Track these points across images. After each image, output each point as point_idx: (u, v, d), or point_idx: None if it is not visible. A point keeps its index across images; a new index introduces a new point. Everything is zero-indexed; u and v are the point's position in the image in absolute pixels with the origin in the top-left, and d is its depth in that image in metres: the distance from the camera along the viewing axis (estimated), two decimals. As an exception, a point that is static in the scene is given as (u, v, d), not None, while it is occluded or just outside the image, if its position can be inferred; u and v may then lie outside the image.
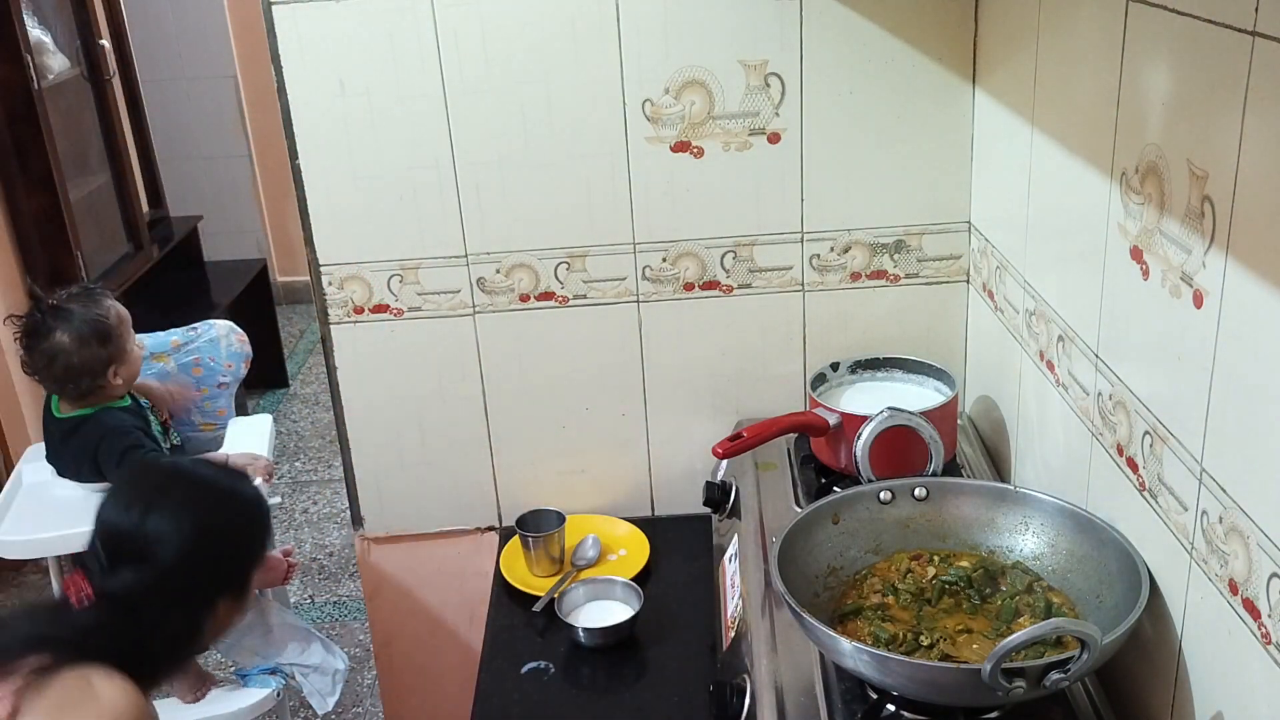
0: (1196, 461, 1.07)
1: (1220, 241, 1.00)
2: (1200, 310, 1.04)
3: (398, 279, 1.80)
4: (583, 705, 1.55)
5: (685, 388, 1.88)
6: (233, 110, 4.81)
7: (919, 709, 1.19)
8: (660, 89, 1.71)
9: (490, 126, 1.72)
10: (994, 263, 1.69)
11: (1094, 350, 1.31)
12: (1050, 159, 1.42)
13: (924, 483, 1.41)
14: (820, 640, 1.19)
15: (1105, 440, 1.30)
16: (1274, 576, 0.95)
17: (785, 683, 1.28)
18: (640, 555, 1.77)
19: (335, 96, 1.69)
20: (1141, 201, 1.16)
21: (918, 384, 1.76)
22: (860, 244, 1.80)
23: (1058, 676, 1.05)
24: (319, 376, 4.48)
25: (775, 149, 1.74)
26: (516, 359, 1.85)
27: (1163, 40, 1.08)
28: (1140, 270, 1.17)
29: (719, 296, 1.83)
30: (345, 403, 1.87)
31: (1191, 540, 1.10)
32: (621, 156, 1.74)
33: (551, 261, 1.80)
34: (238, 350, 2.37)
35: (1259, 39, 0.91)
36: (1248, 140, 0.94)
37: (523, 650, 1.61)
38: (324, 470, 3.87)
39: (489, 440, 1.90)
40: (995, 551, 1.36)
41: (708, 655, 1.54)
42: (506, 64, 1.69)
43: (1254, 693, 1.01)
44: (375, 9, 1.66)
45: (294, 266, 5.07)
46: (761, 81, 1.70)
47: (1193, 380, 1.07)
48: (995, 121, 1.65)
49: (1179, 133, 1.07)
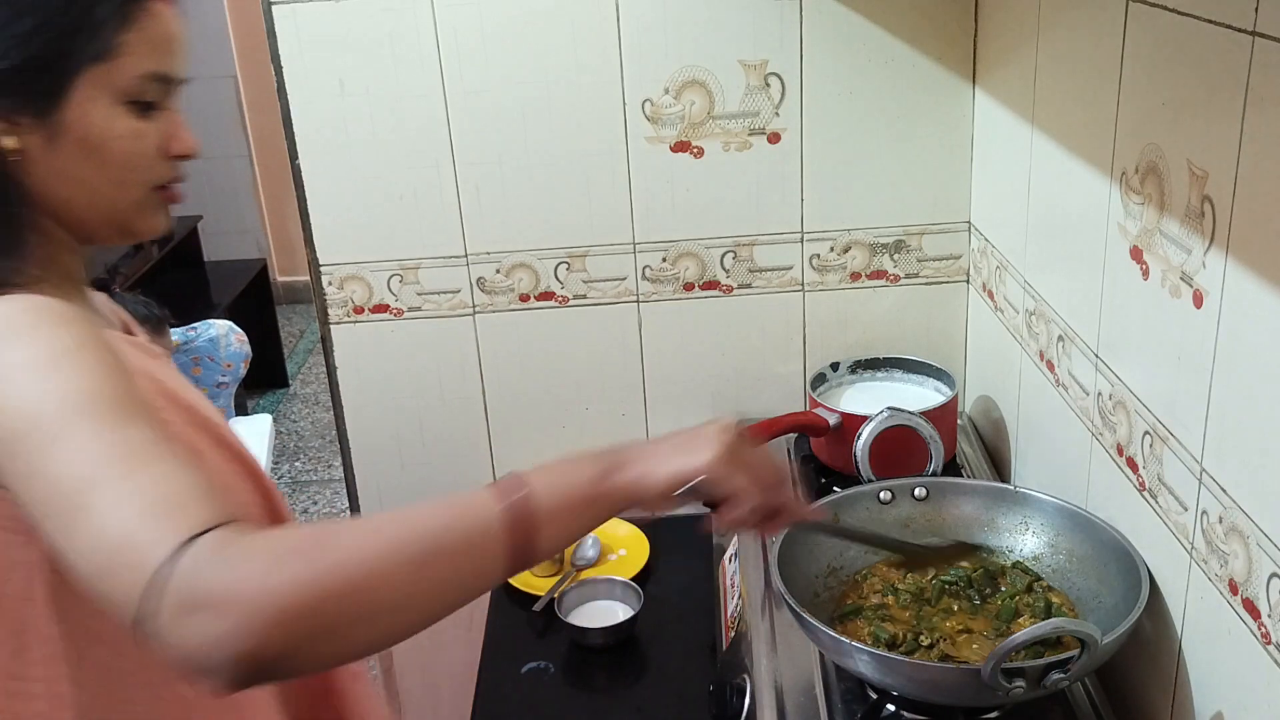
0: (1196, 461, 1.07)
1: (1220, 241, 1.00)
2: (1200, 310, 1.04)
3: (398, 279, 1.80)
4: (583, 705, 1.55)
5: (685, 388, 1.88)
6: (233, 110, 4.81)
7: (919, 709, 1.19)
8: (660, 89, 1.71)
9: (490, 126, 1.72)
10: (994, 263, 1.69)
11: (1094, 350, 1.31)
12: (1050, 159, 1.42)
13: (924, 483, 1.41)
14: (820, 640, 1.19)
15: (1105, 440, 1.30)
16: (1274, 576, 0.95)
17: (785, 683, 1.28)
18: (640, 555, 1.77)
19: (335, 96, 1.69)
20: (1141, 201, 1.16)
21: (918, 384, 1.76)
22: (860, 244, 1.80)
23: (1058, 676, 1.05)
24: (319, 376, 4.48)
25: (775, 149, 1.74)
26: (516, 359, 1.85)
27: (1163, 40, 1.08)
28: (1140, 270, 1.17)
29: (719, 296, 1.83)
30: (345, 403, 1.87)
31: (1191, 540, 1.10)
32: (621, 156, 1.74)
33: (551, 261, 1.80)
34: (237, 350, 2.37)
35: (1259, 39, 0.91)
36: (1248, 140, 0.94)
37: (523, 650, 1.61)
38: (324, 470, 3.87)
39: (489, 440, 1.90)
40: (995, 551, 1.36)
41: (708, 655, 1.54)
42: (506, 64, 1.69)
43: (1254, 693, 1.01)
44: (375, 9, 1.66)
45: (294, 266, 5.07)
46: (761, 81, 1.70)
47: (1193, 380, 1.07)
48: (995, 121, 1.65)
49: (1179, 133, 1.07)
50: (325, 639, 0.71)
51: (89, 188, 0.92)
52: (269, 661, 0.69)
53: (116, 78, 0.89)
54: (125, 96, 0.90)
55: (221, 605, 0.68)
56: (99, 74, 0.89)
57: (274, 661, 0.69)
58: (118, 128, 0.90)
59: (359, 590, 0.72)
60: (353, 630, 0.72)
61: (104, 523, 0.72)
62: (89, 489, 0.73)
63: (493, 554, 0.80)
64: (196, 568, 0.69)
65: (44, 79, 0.87)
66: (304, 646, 0.70)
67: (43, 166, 0.89)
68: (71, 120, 0.88)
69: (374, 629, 0.74)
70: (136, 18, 0.90)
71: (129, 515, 0.72)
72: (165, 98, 0.94)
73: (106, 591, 0.72)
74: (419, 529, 0.77)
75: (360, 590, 0.72)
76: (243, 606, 0.68)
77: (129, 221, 0.95)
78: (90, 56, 0.88)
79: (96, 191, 0.92)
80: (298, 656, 0.70)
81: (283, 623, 0.68)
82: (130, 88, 0.90)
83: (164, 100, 0.94)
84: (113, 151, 0.91)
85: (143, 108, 0.92)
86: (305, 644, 0.70)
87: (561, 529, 0.85)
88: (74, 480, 0.74)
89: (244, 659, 0.68)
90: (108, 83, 0.89)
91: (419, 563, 0.75)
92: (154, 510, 0.72)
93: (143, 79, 0.91)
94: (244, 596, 0.68)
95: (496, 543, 0.80)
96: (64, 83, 0.88)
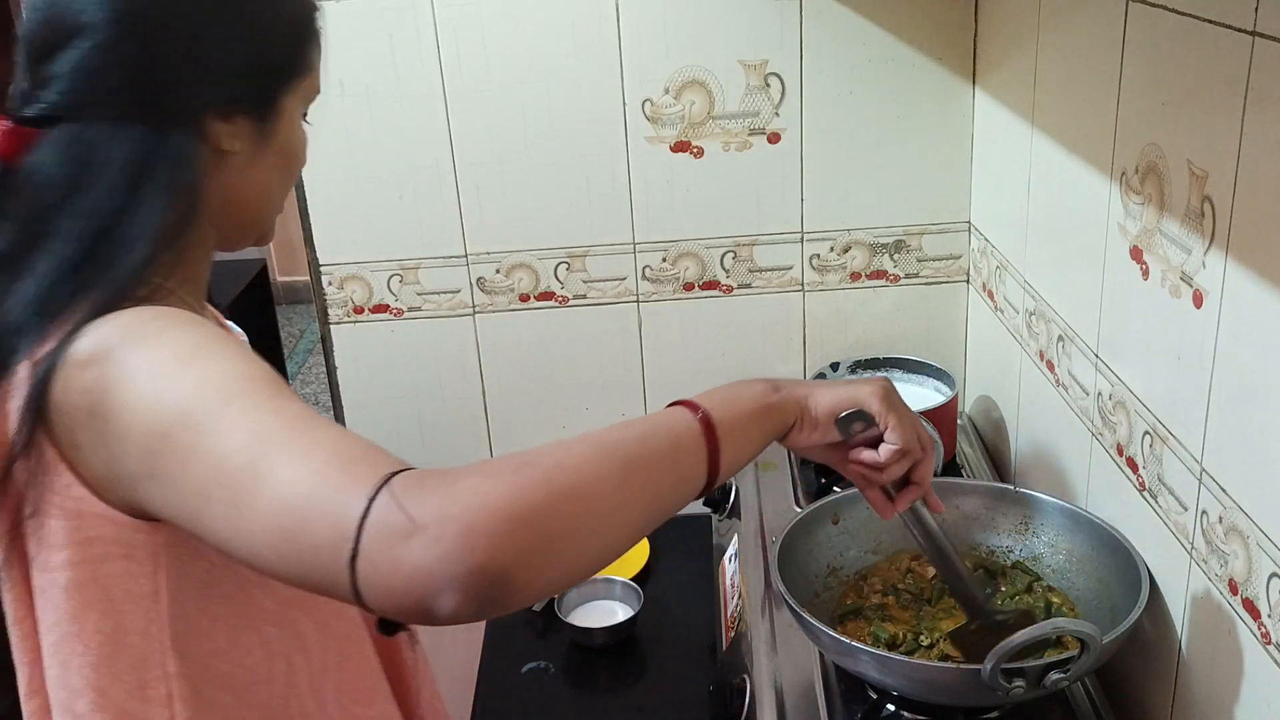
0: (1196, 461, 1.07)
1: (1220, 241, 1.00)
2: (1200, 310, 1.04)
3: (398, 279, 1.80)
4: (583, 705, 1.55)
5: (685, 388, 1.85)
6: (233, 110, 4.81)
7: (919, 709, 1.19)
8: (660, 89, 1.71)
9: (490, 126, 1.72)
10: (994, 263, 1.69)
11: (1094, 350, 1.31)
12: (1050, 159, 1.42)
13: (924, 483, 1.41)
14: (820, 640, 1.19)
15: (1105, 440, 1.30)
16: (1274, 576, 0.95)
17: (785, 683, 1.28)
18: (640, 555, 1.77)
19: (335, 96, 1.69)
20: (1141, 201, 1.16)
21: (918, 384, 1.76)
22: (860, 244, 1.80)
23: (1058, 676, 1.05)
24: (319, 376, 4.47)
25: (775, 149, 1.74)
26: (516, 359, 1.85)
27: (1163, 40, 1.08)
28: (1140, 270, 1.17)
29: (719, 296, 1.83)
30: (345, 403, 1.87)
31: (1191, 540, 1.10)
32: (621, 156, 1.74)
33: (551, 261, 1.80)
34: (238, 350, 2.37)
35: (1259, 39, 0.91)
36: (1248, 140, 0.94)
37: (523, 650, 1.61)
38: (324, 470, 3.86)
39: (489, 440, 1.90)
40: (995, 551, 1.36)
41: (708, 655, 1.54)
42: (506, 64, 1.69)
43: (1254, 693, 1.01)
44: (375, 9, 1.66)
45: (294, 266, 5.06)
46: (761, 81, 1.70)
47: (1193, 380, 1.07)
48: (995, 121, 1.65)
49: (1179, 133, 1.07)
50: (546, 551, 0.68)
51: (270, 193, 0.95)
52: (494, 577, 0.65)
53: (308, 90, 0.94)
54: (306, 107, 0.95)
55: (437, 526, 0.65)
56: (302, 85, 0.93)
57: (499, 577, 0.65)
58: (301, 138, 0.95)
59: (574, 497, 0.70)
60: (573, 542, 0.70)
61: (285, 483, 0.69)
62: (259, 458, 0.70)
63: (692, 460, 0.81)
64: (400, 500, 0.66)
65: (272, 86, 0.90)
66: (526, 560, 0.67)
67: (238, 171, 0.90)
68: (279, 129, 0.92)
69: (591, 540, 0.72)
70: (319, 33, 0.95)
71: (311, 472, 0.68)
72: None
73: (300, 550, 0.68)
74: (621, 439, 0.77)
75: (575, 497, 0.70)
76: (462, 522, 0.65)
77: (270, 227, 0.98)
78: (304, 69, 0.93)
79: (273, 197, 0.95)
80: (522, 572, 0.66)
81: (504, 532, 0.66)
82: (310, 99, 0.95)
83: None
84: (297, 160, 0.96)
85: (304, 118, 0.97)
86: (527, 557, 0.67)
87: (743, 438, 0.86)
88: (240, 454, 0.70)
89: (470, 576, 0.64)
90: (304, 95, 0.94)
91: (628, 469, 0.75)
92: (335, 463, 0.68)
93: (317, 92, 0.96)
94: (460, 513, 0.65)
95: (696, 447, 0.81)
96: (284, 92, 0.91)
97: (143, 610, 0.84)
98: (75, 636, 0.83)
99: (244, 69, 0.88)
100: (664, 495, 0.78)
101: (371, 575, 0.66)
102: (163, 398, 0.74)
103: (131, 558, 0.83)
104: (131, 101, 0.84)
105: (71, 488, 0.80)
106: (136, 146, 0.84)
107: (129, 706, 0.85)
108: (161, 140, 0.84)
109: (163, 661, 0.86)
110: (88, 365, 0.77)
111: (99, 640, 0.84)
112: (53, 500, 0.81)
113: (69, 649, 0.84)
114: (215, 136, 0.87)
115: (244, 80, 0.88)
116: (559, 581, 0.72)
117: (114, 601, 0.83)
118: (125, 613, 0.84)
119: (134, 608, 0.84)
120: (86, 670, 0.84)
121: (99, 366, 0.77)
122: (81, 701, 0.84)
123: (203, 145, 0.87)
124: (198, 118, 0.86)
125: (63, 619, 0.83)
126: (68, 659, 0.84)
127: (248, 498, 0.70)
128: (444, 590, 0.65)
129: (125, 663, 0.85)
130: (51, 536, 0.82)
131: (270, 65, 0.90)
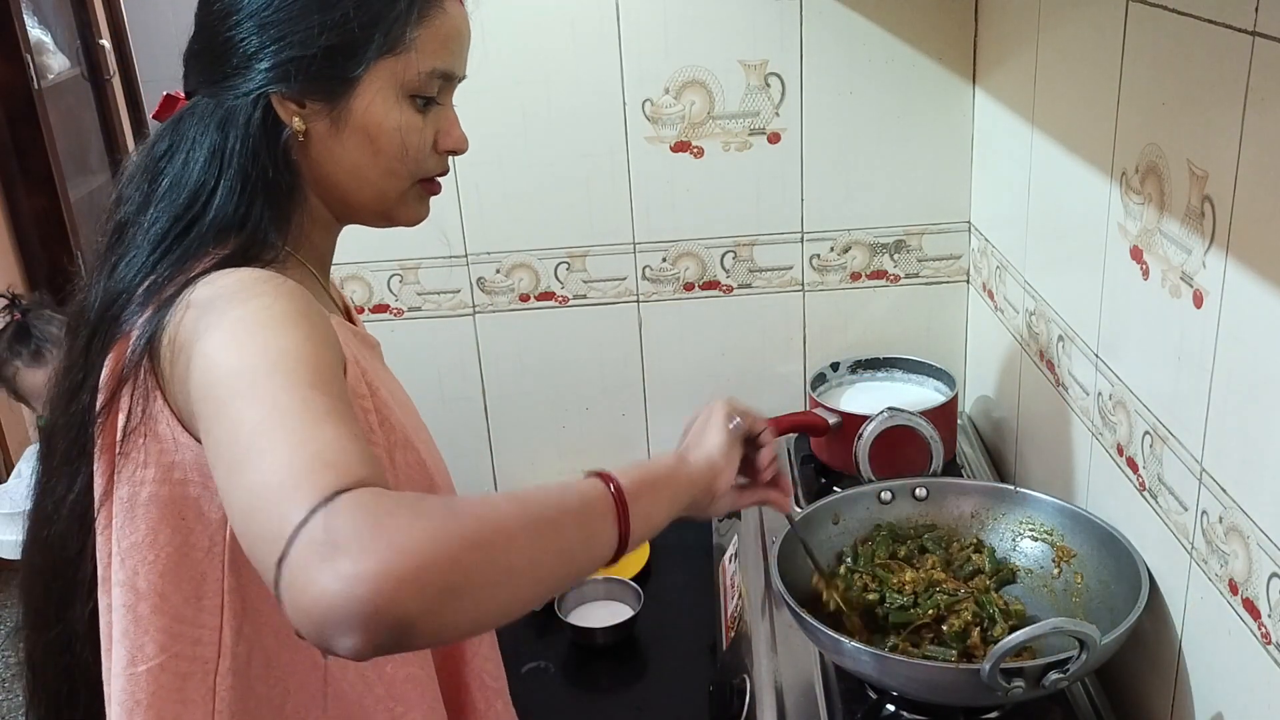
0: (1196, 461, 1.07)
1: (1220, 241, 1.00)
2: (1200, 310, 1.04)
3: (398, 279, 1.80)
4: (583, 705, 1.55)
5: (685, 388, 1.88)
6: (233, 110, 4.81)
7: (919, 709, 1.19)
8: (660, 89, 1.71)
9: (490, 126, 1.71)
10: (994, 263, 1.69)
11: (1094, 350, 1.31)
12: (1050, 159, 1.42)
13: (924, 483, 1.41)
14: (820, 640, 1.19)
15: (1105, 440, 1.30)
16: (1274, 576, 0.95)
17: (785, 683, 1.28)
18: (640, 555, 1.77)
19: (335, 96, 1.69)
20: (1141, 201, 1.16)
21: (918, 384, 1.76)
22: (860, 244, 1.80)
23: (1057, 676, 1.05)
24: (319, 376, 4.47)
25: (775, 149, 1.74)
26: (516, 359, 1.85)
27: (1163, 40, 1.08)
28: (1140, 270, 1.17)
29: (719, 296, 1.83)
30: (345, 403, 1.87)
31: (1191, 540, 1.10)
32: (621, 156, 1.74)
33: (551, 261, 1.80)
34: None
35: (1259, 39, 0.91)
36: (1248, 140, 0.94)
37: (523, 650, 1.61)
38: (324, 470, 3.87)
39: (489, 440, 1.90)
40: (995, 551, 1.36)
41: (708, 655, 1.54)
42: (506, 64, 1.69)
43: (1254, 693, 1.01)
44: (375, 9, 1.65)
45: (294, 266, 5.06)
46: (761, 81, 1.70)
47: (1193, 380, 1.07)
48: (995, 121, 1.65)
49: (1179, 133, 1.07)
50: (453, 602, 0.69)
51: (361, 174, 0.97)
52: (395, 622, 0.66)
53: (404, 72, 0.94)
54: (409, 90, 0.95)
55: (358, 551, 0.66)
56: (389, 66, 0.93)
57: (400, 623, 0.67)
58: (398, 119, 0.95)
59: (490, 548, 0.72)
60: (479, 595, 0.71)
61: (266, 467, 0.72)
62: (260, 437, 0.74)
63: (602, 524, 0.83)
64: (335, 517, 0.68)
65: (340, 68, 0.92)
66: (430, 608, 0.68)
67: (322, 149, 0.95)
68: (358, 109, 0.93)
69: (498, 594, 0.73)
70: (429, 15, 0.94)
71: (288, 464, 0.71)
72: (444, 94, 0.98)
73: (250, 536, 0.72)
74: (539, 500, 0.79)
75: (491, 548, 0.72)
76: (379, 554, 0.66)
77: (392, 209, 1.01)
78: (384, 49, 0.92)
79: (367, 178, 0.97)
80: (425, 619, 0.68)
81: (417, 576, 0.67)
82: (414, 82, 0.95)
83: (442, 96, 0.98)
84: (390, 142, 0.95)
85: (423, 102, 0.96)
86: (437, 602, 0.68)
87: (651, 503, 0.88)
88: (250, 426, 0.75)
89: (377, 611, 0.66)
90: (395, 76, 0.94)
91: (543, 529, 0.77)
92: (312, 464, 0.71)
93: (428, 75, 0.95)
94: (380, 545, 0.67)
95: (606, 510, 0.84)
96: (358, 72, 0.92)
97: (209, 533, 0.91)
98: (148, 545, 0.90)
99: (300, 51, 0.91)
100: (573, 556, 0.81)
101: (290, 584, 0.68)
102: (225, 354, 0.80)
103: (206, 486, 0.89)
104: (210, 81, 0.93)
105: (163, 413, 0.88)
106: (214, 124, 0.92)
107: (185, 613, 0.92)
108: (234, 119, 0.92)
109: (220, 577, 0.93)
110: (194, 308, 0.84)
111: (169, 553, 0.91)
112: (148, 423, 0.88)
113: (139, 556, 0.90)
114: (286, 116, 0.92)
115: (302, 62, 0.91)
116: (461, 631, 0.74)
117: (186, 520, 0.91)
118: (194, 531, 0.91)
119: (202, 529, 0.91)
120: (154, 577, 0.91)
121: (202, 311, 0.84)
122: (145, 604, 0.91)
123: (276, 124, 0.92)
124: (262, 97, 0.91)
125: (139, 529, 0.90)
126: (138, 565, 0.91)
127: (239, 468, 0.74)
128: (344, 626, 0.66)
129: (187, 574, 0.92)
130: (142, 455, 0.89)
131: (333, 47, 0.91)
